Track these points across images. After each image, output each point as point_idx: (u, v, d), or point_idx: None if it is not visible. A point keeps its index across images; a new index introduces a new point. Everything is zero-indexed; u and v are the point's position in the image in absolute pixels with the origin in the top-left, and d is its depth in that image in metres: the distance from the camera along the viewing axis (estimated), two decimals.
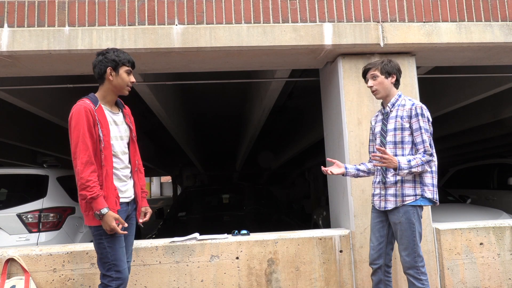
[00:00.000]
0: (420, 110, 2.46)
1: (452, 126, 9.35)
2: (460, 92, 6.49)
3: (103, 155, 2.26)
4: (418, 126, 2.46)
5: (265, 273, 3.14)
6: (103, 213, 2.19)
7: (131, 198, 2.47)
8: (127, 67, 2.36)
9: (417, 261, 2.45)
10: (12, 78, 4.61)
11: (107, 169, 2.28)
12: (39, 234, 4.11)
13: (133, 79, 2.40)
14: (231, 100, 9.32)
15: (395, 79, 2.59)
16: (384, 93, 2.59)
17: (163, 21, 3.22)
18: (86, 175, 2.17)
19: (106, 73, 2.32)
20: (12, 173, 4.56)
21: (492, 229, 3.34)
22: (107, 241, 2.26)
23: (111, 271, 2.25)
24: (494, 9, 3.48)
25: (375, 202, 2.65)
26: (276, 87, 5.30)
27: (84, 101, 2.28)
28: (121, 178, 2.39)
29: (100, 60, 2.33)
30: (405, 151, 2.49)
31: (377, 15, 3.38)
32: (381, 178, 2.61)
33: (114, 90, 2.37)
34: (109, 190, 2.28)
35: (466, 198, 5.93)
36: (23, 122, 8.18)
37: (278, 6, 3.32)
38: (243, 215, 5.05)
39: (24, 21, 3.14)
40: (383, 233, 2.63)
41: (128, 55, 2.40)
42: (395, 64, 2.61)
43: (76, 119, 2.20)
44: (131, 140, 2.49)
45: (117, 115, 2.42)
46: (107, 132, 2.30)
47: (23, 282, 2.87)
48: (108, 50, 2.36)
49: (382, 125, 2.62)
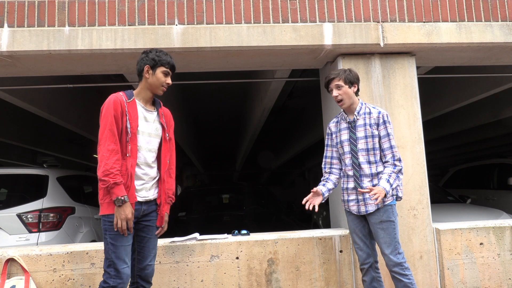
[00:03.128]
0: (386, 117, 2.63)
1: (452, 126, 9.35)
2: (460, 92, 6.49)
3: (130, 146, 2.28)
4: (385, 133, 2.62)
5: (265, 273, 3.14)
6: (125, 200, 2.19)
7: (148, 198, 2.41)
8: (165, 68, 2.40)
9: (399, 258, 2.54)
10: (12, 78, 4.61)
11: (132, 161, 2.29)
12: (39, 234, 4.11)
13: (169, 81, 2.42)
14: (231, 100, 9.33)
15: (356, 88, 2.70)
16: (348, 102, 2.68)
17: (163, 21, 3.22)
18: (111, 162, 2.19)
19: (144, 70, 2.38)
20: (12, 173, 4.56)
21: (492, 229, 3.34)
22: (110, 237, 2.24)
23: (110, 268, 2.23)
24: (494, 9, 3.49)
25: (352, 207, 2.71)
26: (276, 87, 5.30)
27: (118, 93, 2.34)
28: (138, 175, 2.36)
29: (142, 58, 2.40)
30: (376, 157, 2.64)
31: (377, 15, 3.38)
32: (355, 185, 2.68)
33: (149, 88, 2.41)
34: (131, 182, 2.27)
35: (466, 198, 5.93)
36: (23, 122, 8.18)
37: (278, 6, 3.32)
38: (243, 215, 5.06)
39: (24, 21, 3.14)
40: (365, 232, 2.71)
41: (171, 58, 2.43)
42: (355, 73, 2.72)
43: (106, 108, 2.27)
44: (164, 139, 2.48)
45: (150, 112, 2.44)
46: (135, 125, 2.31)
47: (23, 282, 2.87)
48: (152, 50, 2.41)
49: (350, 133, 2.70)
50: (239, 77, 7.19)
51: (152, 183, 2.43)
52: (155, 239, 2.47)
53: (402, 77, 3.44)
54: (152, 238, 2.45)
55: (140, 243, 2.42)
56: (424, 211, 3.31)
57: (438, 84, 7.13)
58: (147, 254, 2.42)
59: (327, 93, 3.81)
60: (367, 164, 2.63)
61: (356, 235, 2.72)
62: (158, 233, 2.49)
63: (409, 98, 3.42)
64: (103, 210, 2.26)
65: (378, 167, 2.63)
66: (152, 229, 2.45)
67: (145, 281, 2.42)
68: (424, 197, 3.34)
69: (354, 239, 2.73)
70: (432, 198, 5.56)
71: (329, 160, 2.84)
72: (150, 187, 2.42)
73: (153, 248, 2.46)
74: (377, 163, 2.63)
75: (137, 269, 2.41)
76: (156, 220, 2.46)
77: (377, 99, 3.39)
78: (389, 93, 3.41)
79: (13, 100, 5.23)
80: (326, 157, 2.87)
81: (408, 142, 3.38)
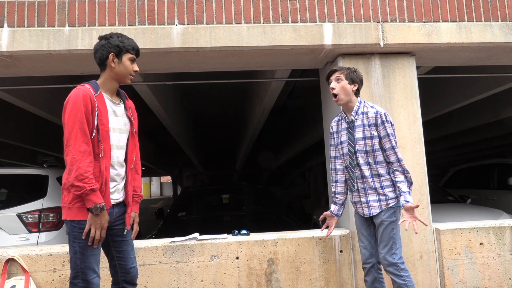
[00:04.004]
0: (384, 117, 2.55)
1: (452, 126, 9.35)
2: (460, 92, 6.49)
3: (102, 146, 2.07)
4: (385, 133, 2.55)
5: (265, 273, 3.14)
6: (103, 208, 2.01)
7: (119, 200, 2.23)
8: (131, 54, 2.21)
9: (394, 258, 2.50)
10: (12, 78, 4.61)
11: (106, 162, 2.08)
12: (39, 234, 4.11)
13: (136, 68, 2.24)
14: (231, 100, 9.32)
15: (356, 88, 2.65)
16: (345, 99, 2.64)
17: (163, 21, 3.22)
18: (85, 165, 1.97)
19: (108, 59, 2.15)
20: (12, 173, 4.56)
21: (492, 229, 3.34)
22: (79, 246, 2.04)
23: (77, 279, 2.04)
24: (494, 9, 3.49)
25: (358, 209, 2.72)
26: (276, 87, 5.30)
27: (84, 85, 2.10)
28: (111, 177, 2.17)
29: (102, 44, 2.17)
30: (376, 158, 2.58)
31: (377, 15, 3.38)
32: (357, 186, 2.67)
33: (115, 78, 2.20)
34: (106, 186, 2.08)
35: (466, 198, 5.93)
36: (23, 122, 8.18)
37: (278, 6, 3.32)
38: (243, 215, 5.05)
39: (24, 21, 3.14)
40: (371, 232, 2.69)
41: (133, 41, 2.24)
42: (359, 74, 2.68)
43: (73, 104, 2.01)
44: (131, 134, 2.28)
45: (118, 105, 2.23)
46: (106, 122, 2.11)
47: (23, 282, 2.87)
48: (112, 35, 2.19)
49: (349, 134, 2.66)
50: (239, 77, 7.19)
51: (123, 183, 2.26)
52: (131, 241, 2.32)
53: (402, 77, 3.44)
54: (129, 240, 2.30)
55: (118, 248, 2.25)
56: (424, 211, 3.31)
57: (438, 84, 7.13)
58: (127, 258, 2.27)
59: (327, 93, 3.81)
60: (367, 166, 2.60)
61: (361, 233, 2.71)
62: (133, 236, 2.34)
63: (409, 98, 3.42)
64: (73, 215, 2.04)
65: (379, 169, 2.58)
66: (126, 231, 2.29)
67: (131, 284, 2.30)
68: (424, 197, 3.34)
69: (359, 236, 2.72)
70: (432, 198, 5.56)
71: (333, 160, 2.82)
72: (121, 188, 2.25)
73: (132, 249, 2.30)
74: (377, 164, 2.59)
75: (121, 274, 2.26)
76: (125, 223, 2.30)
77: (377, 99, 3.40)
78: (389, 93, 3.41)
79: (13, 100, 5.23)
80: (330, 157, 2.85)
81: (408, 142, 3.38)
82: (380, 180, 2.58)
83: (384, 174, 2.58)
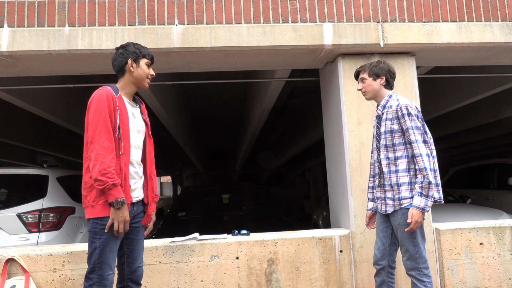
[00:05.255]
0: (405, 110, 2.42)
1: (452, 126, 9.35)
2: (460, 92, 6.49)
3: (123, 144, 2.18)
4: (406, 127, 2.43)
5: (265, 273, 3.14)
6: (124, 202, 2.10)
7: (138, 198, 2.34)
8: (147, 59, 2.37)
9: (419, 263, 2.42)
10: (12, 78, 4.61)
11: (125, 159, 2.19)
12: (39, 234, 4.11)
13: (152, 72, 2.39)
14: (231, 100, 9.33)
15: (384, 80, 2.57)
16: (372, 94, 2.59)
17: (163, 21, 3.22)
18: (108, 160, 2.07)
19: (127, 64, 2.30)
20: (12, 173, 4.56)
21: (492, 229, 3.34)
22: (99, 241, 2.14)
23: (93, 273, 2.12)
24: (494, 9, 3.49)
25: (378, 205, 2.65)
26: (276, 87, 5.30)
27: (105, 87, 2.24)
28: (131, 174, 2.27)
29: (120, 52, 2.33)
30: (397, 153, 2.47)
31: (377, 15, 3.38)
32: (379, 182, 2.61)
33: (134, 82, 2.35)
34: (126, 182, 2.18)
35: (466, 198, 5.94)
36: (23, 122, 8.18)
37: (278, 6, 3.32)
38: (243, 215, 5.05)
39: (24, 21, 3.14)
40: (387, 234, 2.61)
41: (148, 49, 2.40)
42: (384, 65, 2.59)
43: (98, 103, 2.15)
44: (148, 135, 2.42)
45: (135, 108, 2.38)
46: (127, 122, 2.24)
47: (23, 282, 2.87)
48: (128, 44, 2.36)
49: (377, 128, 2.63)
50: (239, 77, 7.19)
51: (142, 182, 2.37)
52: (143, 241, 2.42)
53: (402, 77, 3.44)
54: (141, 239, 2.40)
55: (129, 246, 2.35)
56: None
57: (438, 84, 7.13)
58: (136, 256, 2.36)
59: (327, 93, 3.81)
60: (386, 160, 2.51)
61: (377, 233, 2.65)
62: (146, 234, 2.44)
63: (409, 98, 3.42)
64: (97, 213, 2.13)
65: (398, 165, 2.46)
66: (140, 230, 2.39)
67: (136, 284, 2.36)
68: None
69: (376, 237, 2.67)
70: None
71: (371, 155, 2.74)
72: (141, 187, 2.36)
73: (142, 249, 2.40)
74: (396, 160, 2.46)
75: (128, 272, 2.33)
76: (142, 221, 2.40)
77: None
78: None
79: (13, 100, 5.23)
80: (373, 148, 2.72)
81: None
82: (396, 177, 2.47)
83: (402, 171, 2.46)
